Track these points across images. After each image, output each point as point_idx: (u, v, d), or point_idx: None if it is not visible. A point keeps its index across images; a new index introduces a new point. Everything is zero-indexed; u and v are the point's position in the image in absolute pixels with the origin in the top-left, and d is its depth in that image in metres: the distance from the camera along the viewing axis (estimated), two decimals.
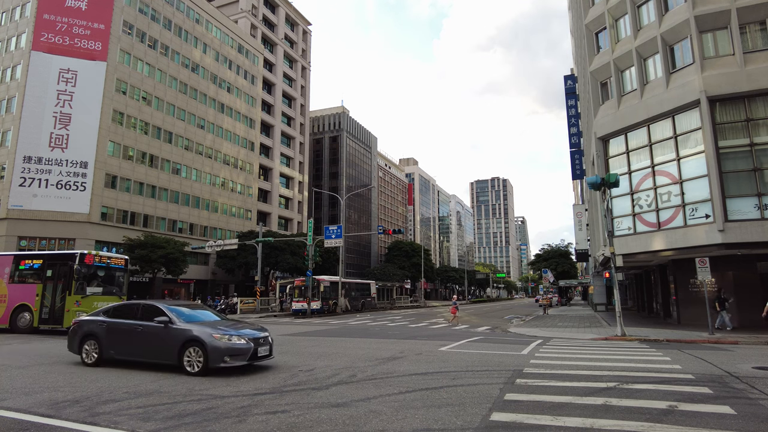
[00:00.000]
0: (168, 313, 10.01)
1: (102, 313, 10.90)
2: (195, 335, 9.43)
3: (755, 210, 18.23)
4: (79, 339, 10.65)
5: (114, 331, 10.37)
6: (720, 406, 6.60)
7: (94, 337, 10.48)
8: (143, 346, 9.98)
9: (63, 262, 18.99)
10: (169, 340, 9.64)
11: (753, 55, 19.01)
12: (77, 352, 10.67)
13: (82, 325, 10.82)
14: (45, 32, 43.51)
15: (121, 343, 10.24)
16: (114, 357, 10.24)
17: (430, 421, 5.91)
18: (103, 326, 10.49)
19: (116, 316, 10.62)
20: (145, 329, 9.98)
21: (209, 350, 9.15)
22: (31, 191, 41.07)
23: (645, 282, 35.80)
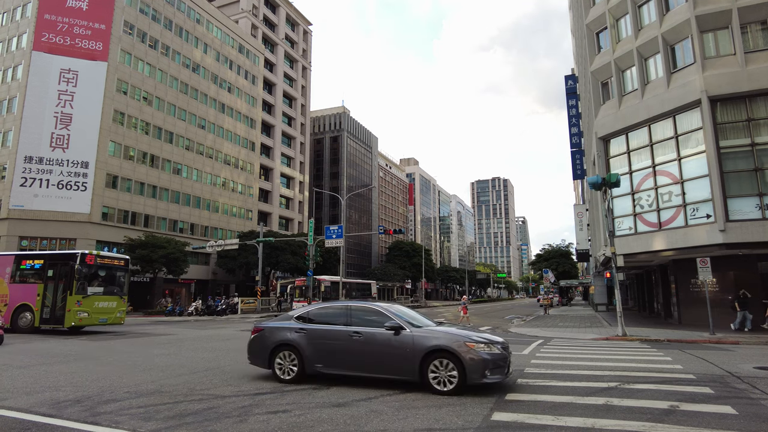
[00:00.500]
0: (395, 317, 8.24)
1: (294, 318, 9.00)
2: (440, 344, 7.58)
3: (756, 210, 18.22)
4: (269, 350, 8.69)
5: (319, 340, 8.45)
6: (721, 406, 6.60)
7: (291, 347, 8.55)
8: (366, 359, 8.07)
9: (64, 262, 19.01)
10: (405, 350, 7.76)
11: (754, 54, 19.00)
12: (267, 365, 8.75)
13: (272, 333, 8.83)
14: (46, 32, 43.55)
15: (331, 355, 8.33)
16: (320, 371, 8.34)
17: (431, 420, 5.91)
18: (302, 334, 8.57)
19: (317, 321, 8.76)
20: (367, 338, 8.11)
21: (466, 362, 7.32)
22: (32, 191, 41.10)
23: (646, 282, 35.77)
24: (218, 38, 61.01)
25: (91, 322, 19.07)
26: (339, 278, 41.94)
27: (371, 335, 8.13)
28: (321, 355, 8.37)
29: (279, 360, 8.65)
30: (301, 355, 8.44)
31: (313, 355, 8.39)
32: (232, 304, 39.16)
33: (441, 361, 7.52)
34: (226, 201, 59.87)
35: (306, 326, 8.70)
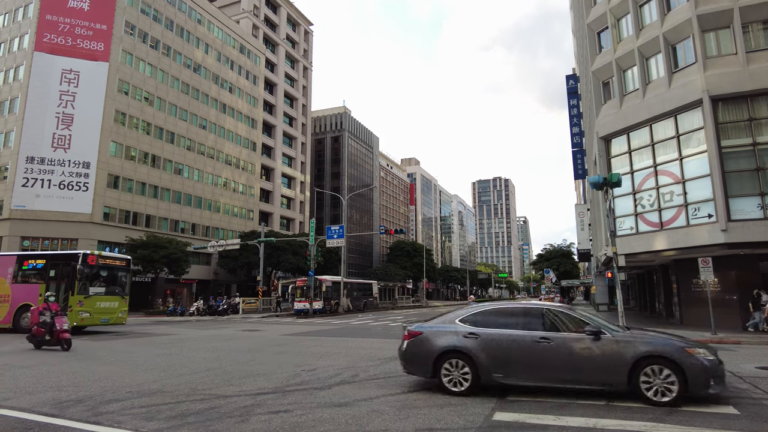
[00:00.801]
0: (589, 320, 7.42)
1: (459, 321, 8.02)
2: (654, 349, 6.81)
3: (758, 210, 18.18)
4: (434, 357, 7.69)
5: (496, 346, 7.48)
6: (723, 406, 6.59)
7: (461, 354, 7.55)
8: (559, 367, 7.13)
9: (66, 262, 19.05)
10: (610, 357, 6.92)
11: (756, 54, 18.96)
12: (430, 374, 7.75)
13: (435, 338, 7.85)
14: (47, 33, 43.63)
15: (512, 363, 7.36)
16: (499, 381, 7.39)
17: (432, 420, 5.92)
18: (474, 339, 7.58)
19: (488, 324, 7.80)
20: (558, 343, 7.19)
21: (689, 371, 6.54)
22: (33, 191, 41.18)
23: (647, 282, 35.73)
24: (219, 38, 61.07)
25: (93, 322, 19.11)
26: (340, 278, 41.96)
27: (563, 341, 7.21)
28: (499, 363, 7.40)
29: (447, 368, 7.60)
30: (474, 363, 7.44)
31: (489, 363, 7.41)
32: (234, 304, 39.19)
33: (654, 369, 6.74)
34: (228, 201, 59.92)
35: (478, 330, 7.71)
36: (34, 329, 13.67)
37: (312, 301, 35.87)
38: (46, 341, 13.53)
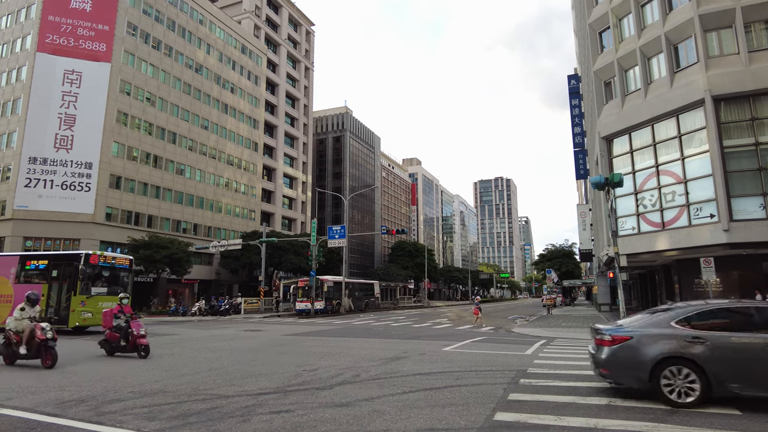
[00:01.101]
0: None
1: (679, 323, 7.05)
2: None
3: (760, 210, 18.16)
4: (650, 364, 6.81)
5: (732, 353, 6.59)
6: (725, 407, 6.58)
7: (685, 361, 6.68)
8: None
9: (68, 263, 19.11)
10: None
11: (758, 53, 18.93)
12: (643, 383, 6.88)
13: (649, 342, 6.98)
14: (50, 34, 43.73)
15: (756, 373, 6.43)
16: (737, 393, 6.49)
17: (433, 420, 5.93)
18: (702, 344, 6.69)
19: (718, 327, 6.95)
20: None
21: None
22: (36, 192, 41.30)
23: (649, 282, 35.68)
24: (221, 39, 61.15)
25: (95, 322, 19.14)
26: (342, 278, 41.98)
27: None
28: (737, 372, 6.48)
29: (667, 377, 6.74)
30: (704, 372, 6.55)
31: (723, 373, 6.51)
32: (236, 304, 39.25)
33: None
34: (229, 201, 60.00)
35: (705, 335, 6.78)
36: (107, 334, 12.54)
37: (314, 301, 35.90)
38: (121, 347, 12.36)
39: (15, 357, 10.86)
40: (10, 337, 10.91)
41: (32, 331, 10.63)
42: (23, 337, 10.70)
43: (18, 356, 10.77)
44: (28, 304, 11.25)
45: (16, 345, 10.80)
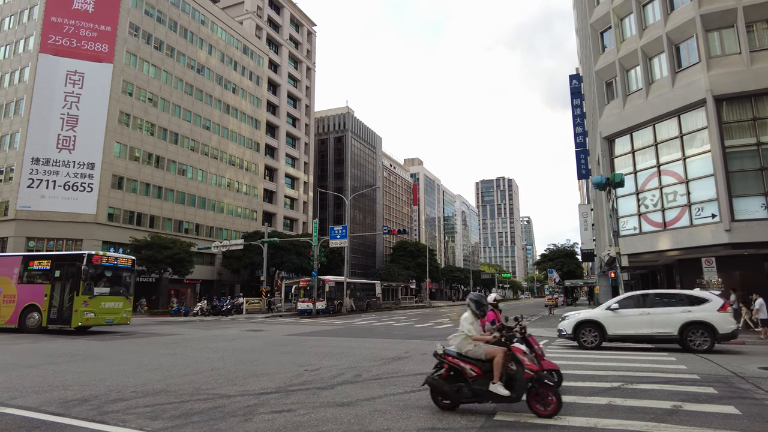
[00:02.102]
0: None
1: None
2: None
3: (762, 209, 18.15)
4: None
5: None
6: (725, 407, 6.60)
7: None
8: None
9: (71, 263, 19.17)
10: None
11: (760, 53, 18.93)
12: None
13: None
14: (52, 35, 43.88)
15: None
16: None
17: (434, 420, 5.95)
18: None
19: None
20: None
21: None
22: (39, 192, 41.43)
23: (651, 282, 35.62)
24: (223, 39, 61.26)
25: (98, 322, 19.22)
26: (343, 278, 42.02)
27: None
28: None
29: None
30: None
31: None
32: (237, 304, 39.31)
33: None
34: (231, 201, 60.10)
35: None
36: None
37: (315, 301, 35.94)
38: None
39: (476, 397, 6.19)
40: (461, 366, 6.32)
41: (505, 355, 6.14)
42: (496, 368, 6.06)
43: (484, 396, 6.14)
44: None
45: None
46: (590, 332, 13.67)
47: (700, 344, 12.64)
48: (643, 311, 13.36)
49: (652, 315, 13.26)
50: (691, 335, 12.78)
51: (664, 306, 13.50)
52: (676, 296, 14.00)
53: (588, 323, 13.76)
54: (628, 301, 13.82)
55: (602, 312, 13.82)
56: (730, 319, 12.87)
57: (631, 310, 13.51)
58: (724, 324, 12.65)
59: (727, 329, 12.68)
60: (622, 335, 13.47)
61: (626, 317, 13.38)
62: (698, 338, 12.70)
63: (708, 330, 12.67)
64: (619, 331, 13.44)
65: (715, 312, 12.80)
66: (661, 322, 13.07)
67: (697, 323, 12.76)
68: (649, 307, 13.46)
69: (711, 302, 13.03)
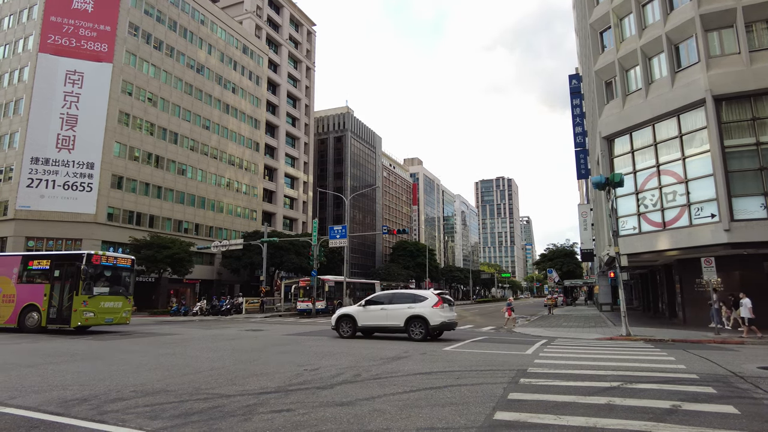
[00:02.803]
0: None
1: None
2: None
3: (762, 209, 18.16)
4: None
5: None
6: (724, 406, 6.61)
7: None
8: None
9: (70, 263, 19.16)
10: None
11: (759, 53, 18.93)
12: None
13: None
14: (52, 34, 43.86)
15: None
16: None
17: (434, 420, 5.95)
18: None
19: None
20: None
21: None
22: (38, 192, 41.42)
23: (650, 282, 35.65)
24: (222, 39, 61.25)
25: (97, 321, 19.22)
26: (343, 278, 42.03)
27: None
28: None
29: None
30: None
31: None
32: (237, 304, 39.32)
33: None
34: (231, 201, 60.10)
35: None
36: None
37: (315, 301, 35.94)
38: None
39: None
40: None
41: None
42: None
43: None
44: None
45: None
46: (347, 323, 17.08)
47: (417, 333, 16.02)
48: (384, 307, 16.79)
49: (387, 310, 16.78)
50: (413, 326, 16.10)
51: (398, 303, 16.85)
52: (407, 295, 17.34)
53: (346, 316, 17.31)
54: (375, 300, 17.48)
55: (356, 308, 17.27)
56: (441, 313, 16.18)
57: (375, 306, 17.00)
58: (435, 317, 16.08)
59: (436, 321, 16.04)
60: (369, 326, 16.97)
61: (371, 312, 16.91)
62: (417, 329, 16.05)
63: (423, 322, 16.03)
64: (366, 322, 16.89)
65: (429, 308, 16.21)
66: (394, 316, 16.56)
67: (416, 317, 16.12)
68: (388, 304, 16.91)
69: (428, 299, 16.49)
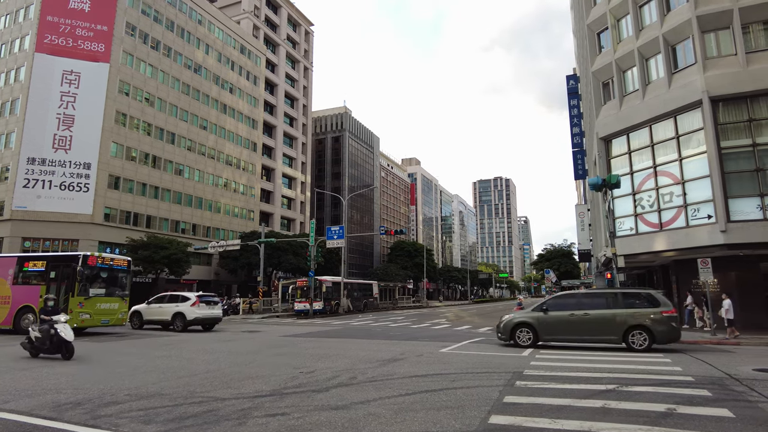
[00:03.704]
0: None
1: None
2: None
3: (758, 210, 18.20)
4: None
5: None
6: (719, 409, 6.61)
7: None
8: None
9: (66, 264, 19.08)
10: None
11: (756, 54, 18.97)
12: None
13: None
14: (48, 34, 43.72)
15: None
16: None
17: (428, 423, 5.94)
18: None
19: None
20: None
21: None
22: (35, 192, 41.28)
23: (647, 282, 35.68)
24: (220, 39, 61.15)
25: (93, 323, 19.15)
26: (341, 279, 42.00)
27: None
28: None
29: None
30: None
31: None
32: (234, 304, 39.24)
33: None
34: (228, 202, 60.00)
35: None
36: None
37: (312, 301, 35.91)
38: None
39: None
40: None
41: None
42: None
43: None
44: None
45: None
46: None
47: (175, 327, 21.50)
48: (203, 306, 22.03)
49: (163, 308, 22.29)
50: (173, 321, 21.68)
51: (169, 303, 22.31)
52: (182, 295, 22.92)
53: (178, 314, 21.68)
54: (203, 300, 22.19)
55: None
56: (221, 310, 23.13)
57: (156, 304, 22.59)
58: (190, 313, 21.33)
59: (191, 317, 21.30)
60: (197, 319, 21.55)
61: (152, 308, 22.67)
62: (178, 322, 21.43)
63: (181, 317, 21.45)
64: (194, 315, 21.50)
65: (188, 306, 21.55)
66: (161, 312, 22.12)
67: (177, 314, 21.59)
68: (166, 303, 22.38)
69: (190, 300, 21.86)
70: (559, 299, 14.89)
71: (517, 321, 14.54)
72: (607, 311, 13.56)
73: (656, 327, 13.00)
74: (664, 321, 13.10)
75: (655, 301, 13.54)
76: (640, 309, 13.41)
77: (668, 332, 13.13)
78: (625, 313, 13.38)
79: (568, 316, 13.79)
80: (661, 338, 13.13)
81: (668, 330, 13.11)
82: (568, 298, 15.02)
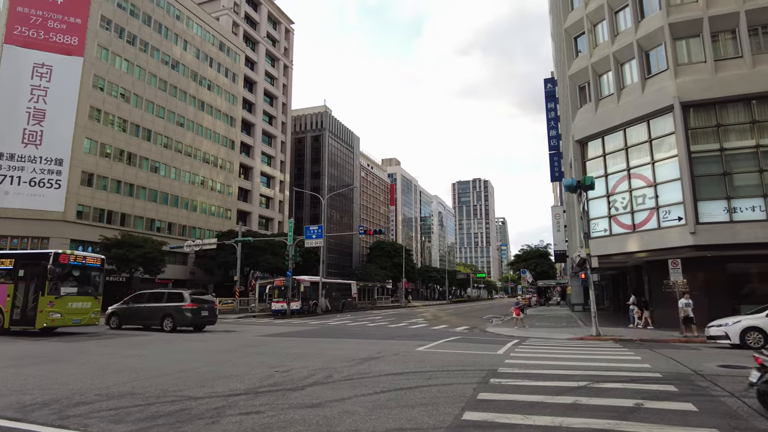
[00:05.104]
0: None
1: None
2: None
3: (724, 213, 18.79)
4: None
5: None
6: (683, 404, 6.82)
7: None
8: None
9: (36, 262, 18.54)
10: None
11: (724, 62, 19.59)
12: None
13: None
14: (18, 25, 42.43)
15: None
16: None
17: (403, 420, 5.98)
18: None
19: None
20: None
21: None
22: (2, 188, 40.01)
23: (621, 283, 36.47)
24: (198, 35, 60.25)
25: (65, 323, 18.66)
26: (319, 278, 41.81)
27: None
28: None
29: None
30: None
31: None
32: None
33: None
34: (205, 200, 59.16)
35: None
36: None
37: (290, 301, 35.66)
38: None
39: None
40: None
41: None
42: None
43: None
44: None
45: None
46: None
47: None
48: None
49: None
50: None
51: None
52: None
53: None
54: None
55: None
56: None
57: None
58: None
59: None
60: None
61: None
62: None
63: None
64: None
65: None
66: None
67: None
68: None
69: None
70: None
71: None
72: None
73: None
74: None
75: None
76: None
77: None
78: None
79: None
80: None
81: None
82: None
